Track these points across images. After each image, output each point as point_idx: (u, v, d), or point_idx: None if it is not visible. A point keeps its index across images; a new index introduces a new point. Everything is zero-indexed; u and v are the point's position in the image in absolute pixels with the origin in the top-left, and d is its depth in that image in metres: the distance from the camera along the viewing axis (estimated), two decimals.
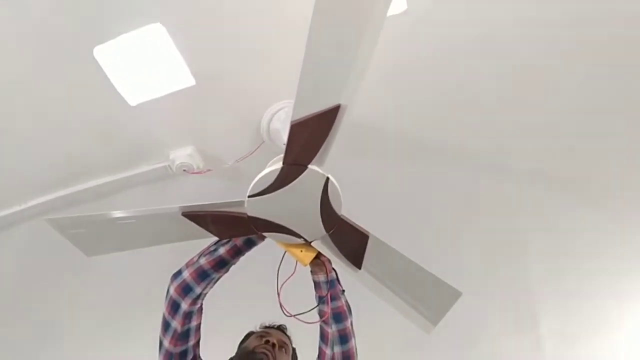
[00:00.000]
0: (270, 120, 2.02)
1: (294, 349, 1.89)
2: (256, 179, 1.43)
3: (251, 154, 2.09)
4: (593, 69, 2.05)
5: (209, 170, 2.20)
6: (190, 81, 1.94)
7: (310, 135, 1.33)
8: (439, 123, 2.20)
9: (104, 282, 2.80)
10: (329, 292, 1.63)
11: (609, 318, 3.39)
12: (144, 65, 1.91)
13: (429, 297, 1.71)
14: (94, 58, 1.84)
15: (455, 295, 1.67)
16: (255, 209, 1.48)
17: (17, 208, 2.33)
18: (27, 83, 1.92)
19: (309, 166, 1.40)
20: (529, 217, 2.71)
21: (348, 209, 1.55)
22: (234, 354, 1.78)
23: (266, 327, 1.92)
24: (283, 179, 1.41)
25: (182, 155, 2.15)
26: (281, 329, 1.92)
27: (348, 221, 1.55)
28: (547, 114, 2.21)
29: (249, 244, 1.67)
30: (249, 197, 1.45)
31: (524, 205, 2.63)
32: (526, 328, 3.40)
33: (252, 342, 1.80)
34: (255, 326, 1.95)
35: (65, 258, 2.43)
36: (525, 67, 2.02)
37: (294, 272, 1.60)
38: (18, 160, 2.19)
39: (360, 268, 1.64)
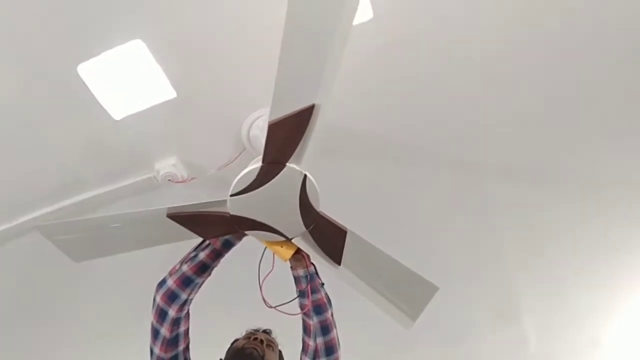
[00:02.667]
0: (250, 127, 2.11)
1: (280, 351, 1.96)
2: (237, 178, 1.50)
3: (233, 161, 2.17)
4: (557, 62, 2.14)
5: (193, 179, 2.27)
6: (172, 94, 2.03)
7: (287, 135, 1.41)
8: (410, 122, 2.29)
9: (97, 295, 2.85)
10: (308, 285, 1.71)
11: (591, 311, 3.47)
12: (126, 80, 1.99)
13: (407, 293, 1.76)
14: (78, 75, 1.92)
15: (432, 290, 1.72)
16: (238, 207, 1.54)
17: (7, 225, 2.38)
18: (13, 100, 1.99)
19: (287, 164, 1.47)
20: (507, 214, 2.79)
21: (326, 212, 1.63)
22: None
23: (252, 331, 1.98)
24: (263, 177, 1.48)
25: (166, 165, 2.23)
26: (266, 332, 1.99)
27: (326, 217, 1.62)
28: (514, 109, 2.29)
29: (228, 246, 1.73)
30: (230, 196, 1.52)
31: (501, 202, 2.72)
32: (510, 323, 3.48)
33: (240, 342, 1.87)
34: (240, 333, 2.00)
35: (57, 271, 2.52)
36: (488, 61, 2.10)
37: (272, 269, 1.67)
38: (4, 177, 2.25)
39: (339, 264, 1.71)
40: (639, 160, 2.58)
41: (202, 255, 1.69)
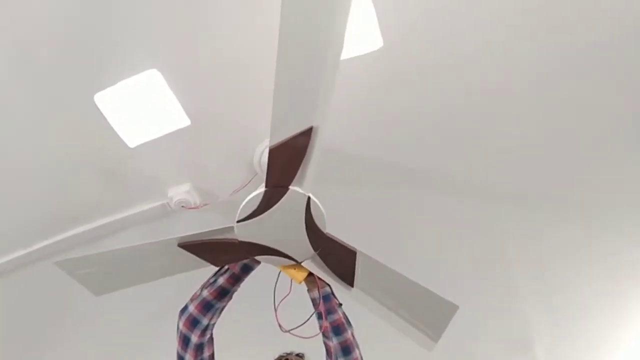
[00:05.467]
0: (262, 153, 2.14)
1: None
2: (242, 204, 1.52)
3: (245, 186, 2.20)
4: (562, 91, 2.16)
5: (205, 204, 2.30)
6: (186, 121, 2.07)
7: (288, 158, 1.43)
8: (419, 148, 2.31)
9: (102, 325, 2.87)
10: (325, 306, 1.71)
11: (603, 340, 3.41)
12: (141, 109, 2.04)
13: (426, 313, 1.73)
14: (94, 104, 1.96)
15: (452, 309, 1.71)
16: (245, 233, 1.55)
17: (22, 252, 2.41)
18: (30, 127, 2.03)
19: (290, 187, 1.48)
20: (516, 240, 2.77)
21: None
22: None
23: (285, 355, 1.99)
24: (267, 202, 1.50)
25: (180, 192, 2.26)
26: (299, 355, 2.00)
27: (334, 239, 1.63)
28: (522, 136, 2.31)
29: (246, 270, 1.74)
30: (237, 222, 1.53)
31: (510, 228, 2.70)
32: (520, 350, 3.42)
33: None
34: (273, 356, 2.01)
35: (67, 299, 2.54)
36: (494, 91, 2.13)
37: (289, 292, 1.67)
38: (20, 204, 2.29)
39: (352, 286, 1.70)
40: None
41: (221, 280, 1.71)
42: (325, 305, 1.71)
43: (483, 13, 1.87)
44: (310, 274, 1.70)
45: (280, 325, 1.63)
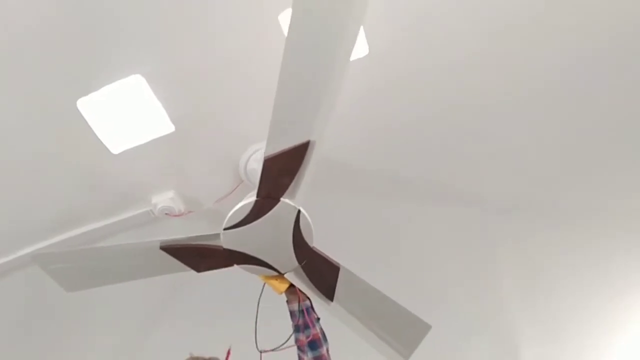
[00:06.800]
0: (248, 160, 2.12)
1: None
2: (231, 212, 1.51)
3: (230, 193, 2.18)
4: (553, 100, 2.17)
5: (190, 212, 2.28)
6: (170, 128, 2.05)
7: (282, 170, 1.42)
8: (407, 157, 2.31)
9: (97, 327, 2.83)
10: (303, 320, 1.70)
11: (591, 349, 3.44)
12: (125, 115, 2.02)
13: (400, 331, 1.76)
14: (77, 109, 1.93)
15: (425, 328, 1.73)
16: (231, 241, 1.55)
17: (4, 259, 2.37)
18: (12, 133, 2.00)
19: (282, 199, 1.48)
20: (506, 249, 2.78)
21: (323, 245, 1.63)
22: None
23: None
24: (257, 212, 1.49)
25: (163, 199, 2.24)
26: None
27: (319, 253, 1.62)
28: (513, 146, 2.31)
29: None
30: (224, 229, 1.52)
31: (500, 237, 2.72)
32: (509, 357, 3.43)
33: None
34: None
35: (53, 305, 2.50)
36: (481, 99, 2.13)
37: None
38: (2, 211, 2.25)
39: (332, 300, 1.71)
40: None
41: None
42: (304, 319, 1.70)
43: (466, 22, 1.87)
44: (292, 286, 1.69)
45: (257, 345, 1.62)
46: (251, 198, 1.49)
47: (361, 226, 2.57)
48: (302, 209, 1.50)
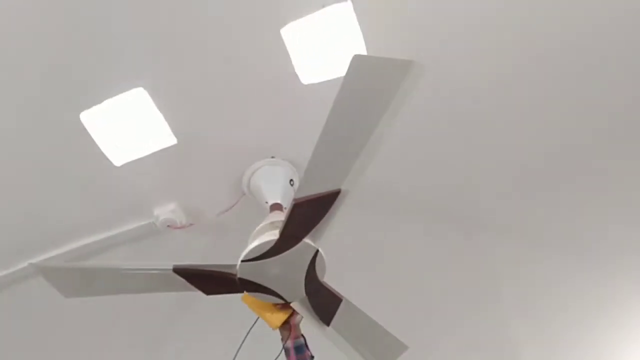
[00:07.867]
0: (252, 175, 2.12)
1: None
2: (251, 246, 1.54)
3: (232, 207, 2.18)
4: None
5: (191, 224, 2.28)
6: (172, 140, 2.05)
7: (309, 214, 1.45)
8: (407, 178, 2.30)
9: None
10: (297, 357, 1.70)
11: None
12: (128, 127, 2.02)
13: (376, 347, 1.82)
14: (80, 122, 1.94)
15: (400, 348, 1.80)
16: (246, 272, 1.57)
17: (5, 271, 2.37)
18: (15, 146, 2.01)
19: (303, 239, 1.51)
20: (506, 271, 2.77)
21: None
22: None
23: None
24: (277, 249, 1.52)
25: (166, 211, 2.24)
26: None
27: (327, 286, 1.65)
28: (514, 170, 2.30)
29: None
30: (242, 261, 1.55)
31: (500, 259, 2.70)
32: None
33: None
34: None
35: (54, 317, 2.49)
36: (488, 119, 2.12)
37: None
38: (4, 222, 2.25)
39: (328, 325, 1.74)
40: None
41: None
42: (298, 357, 1.71)
43: (458, 26, 1.86)
44: (286, 322, 1.71)
45: None
46: (271, 233, 1.53)
47: (362, 248, 2.57)
48: (320, 250, 1.54)
